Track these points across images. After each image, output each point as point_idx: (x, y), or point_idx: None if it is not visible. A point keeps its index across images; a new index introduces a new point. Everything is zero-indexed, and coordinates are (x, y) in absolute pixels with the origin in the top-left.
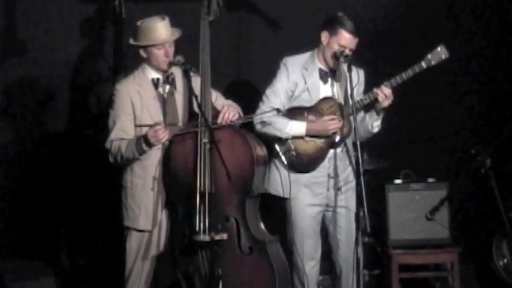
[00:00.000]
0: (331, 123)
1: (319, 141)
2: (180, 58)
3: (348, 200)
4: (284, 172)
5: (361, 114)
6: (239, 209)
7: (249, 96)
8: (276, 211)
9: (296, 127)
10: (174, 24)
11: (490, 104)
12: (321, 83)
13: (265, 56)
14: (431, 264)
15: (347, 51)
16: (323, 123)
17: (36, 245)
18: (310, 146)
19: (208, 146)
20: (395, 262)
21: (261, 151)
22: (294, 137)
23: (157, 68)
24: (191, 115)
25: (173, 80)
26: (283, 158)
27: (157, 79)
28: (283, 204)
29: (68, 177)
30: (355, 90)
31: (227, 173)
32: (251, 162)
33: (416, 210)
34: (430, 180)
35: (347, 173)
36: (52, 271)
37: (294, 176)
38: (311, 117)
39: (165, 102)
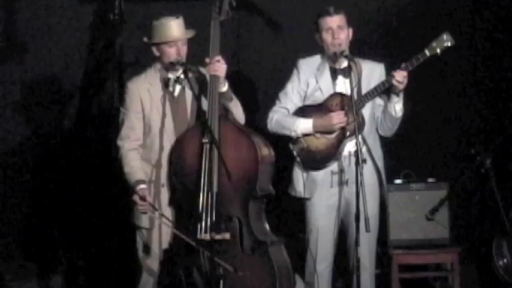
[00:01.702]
0: (336, 118)
1: (330, 137)
2: (180, 58)
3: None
4: (301, 172)
5: (382, 103)
6: (242, 209)
7: (249, 96)
8: (297, 212)
9: (303, 124)
10: None
11: (490, 104)
12: (332, 81)
13: (265, 55)
14: (431, 264)
15: (346, 52)
16: (328, 118)
17: (36, 245)
18: (322, 142)
19: (208, 146)
20: (395, 262)
21: (266, 151)
22: (305, 135)
23: (167, 67)
24: (199, 114)
25: (183, 79)
26: (297, 157)
27: (168, 79)
28: (302, 204)
29: (70, 177)
30: (365, 73)
31: (226, 172)
32: (255, 162)
33: (416, 210)
34: (430, 180)
35: (354, 170)
36: (52, 271)
37: (311, 176)
38: (321, 114)
39: (175, 103)
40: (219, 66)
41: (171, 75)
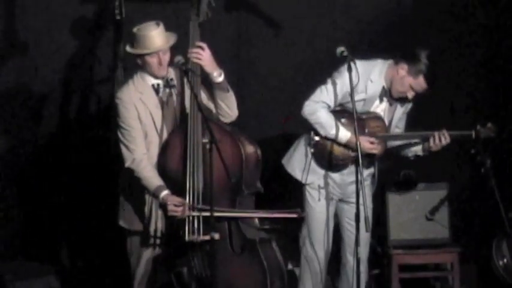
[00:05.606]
0: (372, 147)
1: (351, 152)
2: (180, 58)
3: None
4: (309, 159)
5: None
6: (230, 208)
7: (248, 96)
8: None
9: (342, 134)
10: (173, 24)
11: (490, 103)
12: (378, 99)
13: (265, 56)
14: (431, 264)
15: (345, 52)
16: (365, 143)
17: (36, 245)
18: (340, 150)
19: (208, 146)
20: (396, 262)
21: (252, 149)
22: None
23: (153, 76)
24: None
25: (173, 85)
26: (312, 148)
27: (158, 84)
28: (300, 188)
29: (68, 178)
30: (402, 109)
31: (227, 173)
32: (240, 162)
33: (416, 210)
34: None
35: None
36: (52, 271)
37: (314, 165)
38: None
39: (165, 107)
40: (200, 53)
41: (159, 81)
